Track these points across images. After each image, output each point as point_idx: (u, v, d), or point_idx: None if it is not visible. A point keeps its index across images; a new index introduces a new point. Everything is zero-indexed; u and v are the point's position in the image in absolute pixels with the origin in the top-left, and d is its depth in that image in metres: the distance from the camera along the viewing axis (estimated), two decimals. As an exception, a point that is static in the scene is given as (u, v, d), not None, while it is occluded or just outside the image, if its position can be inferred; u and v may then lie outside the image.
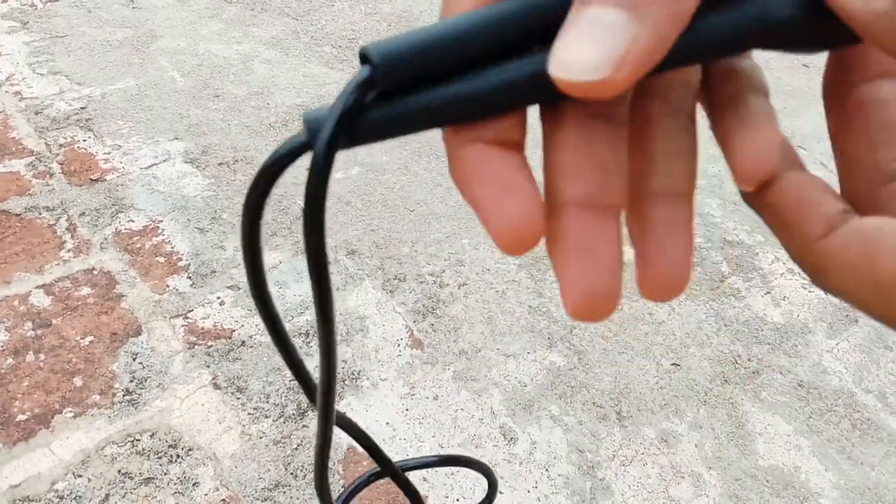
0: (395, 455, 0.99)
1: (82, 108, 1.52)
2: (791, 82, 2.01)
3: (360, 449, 1.00)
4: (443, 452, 1.00)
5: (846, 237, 0.17)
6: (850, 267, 0.16)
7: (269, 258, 1.24)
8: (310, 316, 1.15)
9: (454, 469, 0.98)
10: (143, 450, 0.95)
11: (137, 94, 1.58)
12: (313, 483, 0.36)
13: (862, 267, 0.16)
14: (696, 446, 1.04)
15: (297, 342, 1.11)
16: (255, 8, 1.96)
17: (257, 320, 1.13)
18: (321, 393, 0.25)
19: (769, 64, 2.11)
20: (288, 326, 1.13)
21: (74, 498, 0.89)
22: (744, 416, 1.09)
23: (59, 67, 1.62)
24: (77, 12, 1.82)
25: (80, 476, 0.91)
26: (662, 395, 1.11)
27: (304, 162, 0.16)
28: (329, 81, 1.72)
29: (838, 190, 0.19)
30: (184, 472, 0.93)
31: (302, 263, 1.24)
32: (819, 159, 1.71)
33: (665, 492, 0.98)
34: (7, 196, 1.28)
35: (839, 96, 0.18)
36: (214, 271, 1.20)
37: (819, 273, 0.17)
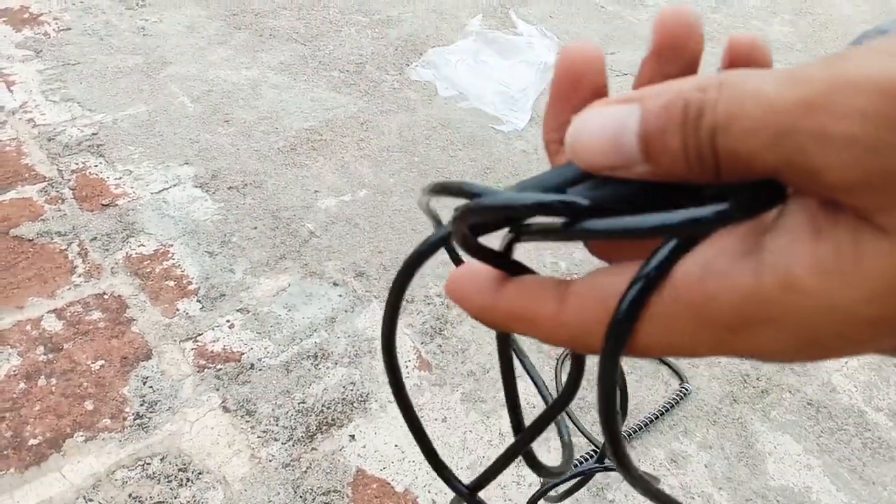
0: (403, 477, 0.99)
1: (94, 134, 1.54)
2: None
3: (368, 471, 1.00)
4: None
5: (578, 297, 0.19)
6: (593, 319, 0.19)
7: (277, 281, 1.25)
8: (318, 338, 1.16)
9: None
10: (154, 474, 0.96)
11: (148, 120, 1.60)
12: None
13: (603, 312, 0.18)
14: (705, 466, 1.04)
15: (305, 364, 1.11)
16: (263, 34, 1.99)
17: (266, 343, 1.14)
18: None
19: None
20: (296, 349, 1.14)
21: (85, 522, 0.90)
22: (753, 435, 1.09)
23: (71, 94, 1.65)
24: (89, 40, 1.85)
25: (90, 501, 0.91)
26: (671, 416, 1.10)
27: (301, 180, 0.17)
28: (337, 105, 1.74)
29: None
30: (194, 496, 0.94)
31: (310, 286, 1.25)
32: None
33: (675, 513, 0.98)
34: (20, 221, 1.30)
35: None
36: (224, 295, 1.21)
37: (576, 340, 0.20)
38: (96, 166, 1.46)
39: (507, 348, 0.33)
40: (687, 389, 1.13)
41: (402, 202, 1.46)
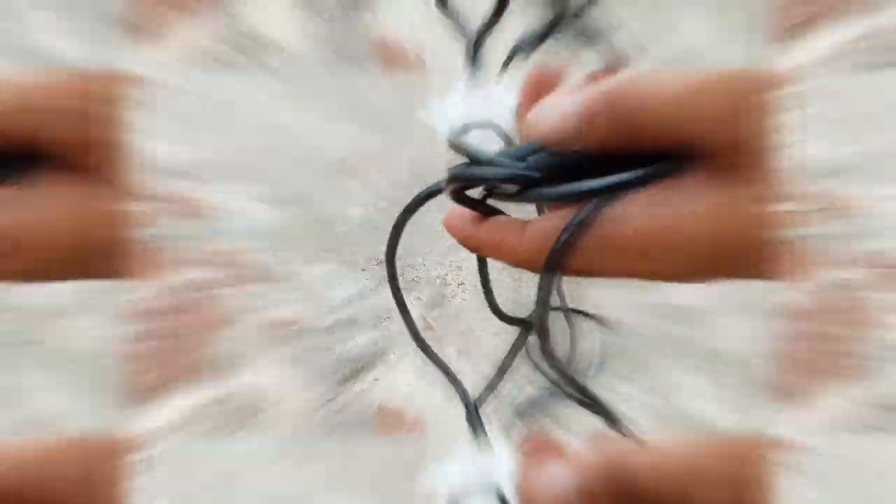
0: (414, 409, 1.31)
1: (186, 163, 1.73)
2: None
3: (388, 405, 1.33)
4: (449, 407, 1.33)
5: (531, 233, 0.24)
6: (541, 249, 0.23)
7: (321, 269, 1.52)
8: (351, 310, 1.48)
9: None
10: (231, 410, 1.26)
11: (225, 151, 1.85)
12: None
13: (548, 245, 0.23)
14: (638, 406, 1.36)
15: (342, 329, 1.47)
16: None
17: (313, 313, 1.50)
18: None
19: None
20: (335, 317, 1.46)
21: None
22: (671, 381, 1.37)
23: (161, 132, 1.92)
24: (173, 95, 2.19)
25: (181, 431, 1.23)
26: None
27: (336, 193, 0.46)
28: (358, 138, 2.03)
29: None
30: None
31: (345, 271, 1.57)
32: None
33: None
34: (132, 228, 1.61)
35: None
36: (282, 279, 1.58)
37: (530, 264, 0.24)
38: (188, 187, 1.64)
39: (484, 267, 0.39)
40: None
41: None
